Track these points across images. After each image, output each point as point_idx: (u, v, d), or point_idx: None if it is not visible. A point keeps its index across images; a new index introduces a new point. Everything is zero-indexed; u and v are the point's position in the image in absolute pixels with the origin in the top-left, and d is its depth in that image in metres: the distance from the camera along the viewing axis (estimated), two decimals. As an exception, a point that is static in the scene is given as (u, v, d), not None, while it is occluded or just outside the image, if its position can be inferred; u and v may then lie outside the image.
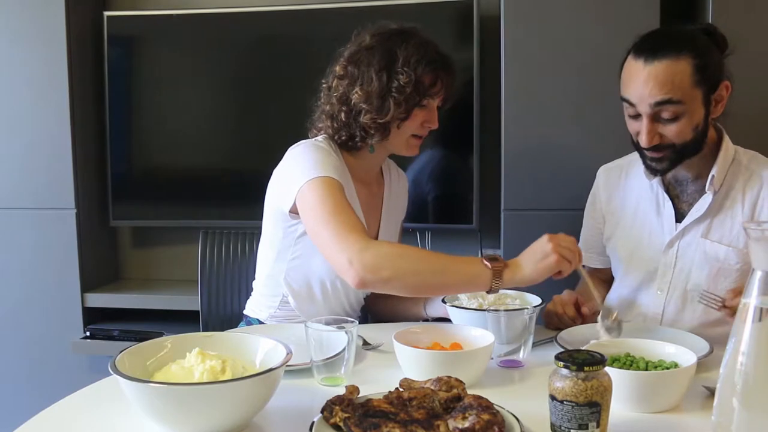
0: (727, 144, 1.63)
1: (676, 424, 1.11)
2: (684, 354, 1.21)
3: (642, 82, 1.50)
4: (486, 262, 1.41)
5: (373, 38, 1.66)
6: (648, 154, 1.57)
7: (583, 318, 1.62)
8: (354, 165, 1.71)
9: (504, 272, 1.41)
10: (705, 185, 1.60)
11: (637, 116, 1.55)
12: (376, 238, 1.73)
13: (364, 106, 1.62)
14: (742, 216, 1.59)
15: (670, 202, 1.66)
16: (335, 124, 1.66)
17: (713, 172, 1.59)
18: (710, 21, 2.26)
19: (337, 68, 1.68)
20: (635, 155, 1.69)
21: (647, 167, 1.62)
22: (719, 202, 1.61)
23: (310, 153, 1.60)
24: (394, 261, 1.40)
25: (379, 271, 1.39)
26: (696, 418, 1.11)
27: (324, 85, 1.72)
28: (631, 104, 1.54)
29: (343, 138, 1.67)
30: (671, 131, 1.52)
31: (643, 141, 1.53)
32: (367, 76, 1.62)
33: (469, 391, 1.09)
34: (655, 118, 1.52)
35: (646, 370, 1.18)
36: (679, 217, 1.65)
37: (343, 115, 1.65)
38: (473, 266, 1.41)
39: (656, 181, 1.67)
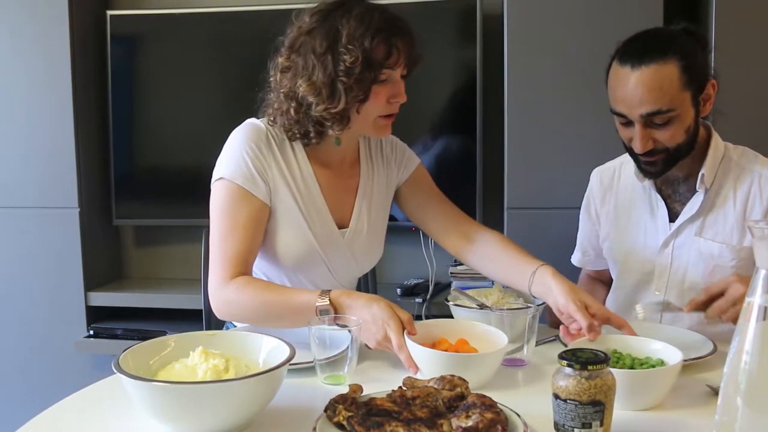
0: (717, 141, 1.62)
1: (679, 423, 1.10)
2: (671, 351, 1.21)
3: (631, 89, 1.49)
4: (318, 308, 1.37)
5: (312, 18, 1.48)
6: (642, 158, 1.57)
7: None
8: (314, 150, 1.58)
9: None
10: (696, 184, 1.60)
11: (628, 123, 1.54)
12: (347, 223, 1.61)
13: (311, 98, 1.46)
14: (734, 213, 1.59)
15: (663, 202, 1.66)
16: (287, 122, 1.52)
17: (703, 170, 1.58)
18: (714, 21, 2.27)
19: (280, 60, 1.52)
20: (626, 156, 1.69)
21: (641, 170, 1.62)
22: (711, 199, 1.61)
23: (232, 143, 1.53)
24: (238, 310, 1.45)
25: (226, 314, 1.48)
26: (699, 417, 1.11)
27: (270, 80, 1.56)
28: (621, 115, 1.53)
29: (298, 136, 1.53)
30: (664, 136, 1.52)
31: (638, 147, 1.53)
32: (310, 63, 1.45)
33: (472, 390, 1.09)
34: (647, 124, 1.51)
35: (632, 368, 1.18)
36: (673, 216, 1.65)
37: (292, 111, 1.50)
38: (306, 315, 1.36)
39: (648, 182, 1.66)
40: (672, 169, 1.60)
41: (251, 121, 1.57)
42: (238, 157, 1.50)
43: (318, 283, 1.61)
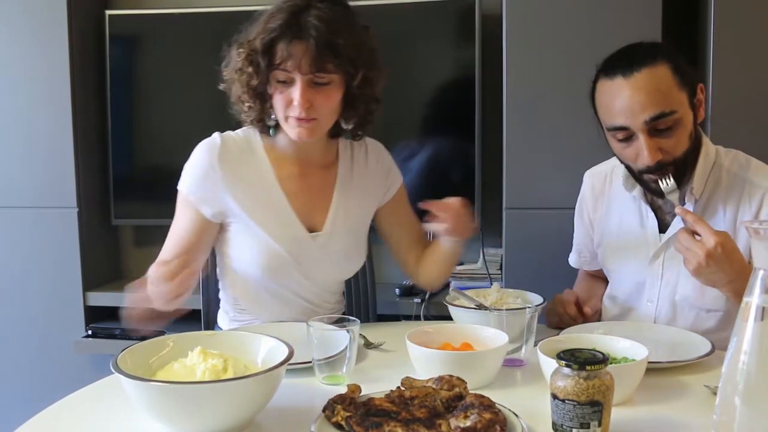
0: (707, 149, 1.57)
1: (677, 423, 1.11)
2: (638, 349, 1.22)
3: (628, 97, 1.44)
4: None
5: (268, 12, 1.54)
6: (651, 177, 1.51)
7: (585, 317, 1.61)
8: (281, 152, 1.60)
9: None
10: (685, 195, 1.55)
11: (628, 139, 1.48)
12: (321, 227, 1.60)
13: (223, 86, 1.59)
14: (724, 224, 1.54)
15: (653, 213, 1.62)
16: (238, 108, 1.60)
17: (692, 183, 1.54)
18: (712, 21, 2.26)
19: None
20: (617, 160, 1.64)
21: (651, 191, 1.57)
22: (700, 211, 1.56)
23: (192, 158, 1.59)
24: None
25: None
26: (698, 417, 1.11)
27: None
28: (622, 128, 1.47)
29: (251, 120, 1.59)
30: (670, 143, 1.47)
31: (646, 159, 1.46)
32: (232, 54, 1.55)
33: (471, 390, 1.09)
34: (651, 132, 1.45)
35: None
36: (663, 227, 1.61)
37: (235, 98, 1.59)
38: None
39: (638, 192, 1.62)
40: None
41: (210, 140, 1.59)
42: (190, 168, 1.58)
43: (295, 289, 1.62)
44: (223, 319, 1.72)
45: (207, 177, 1.55)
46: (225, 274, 1.66)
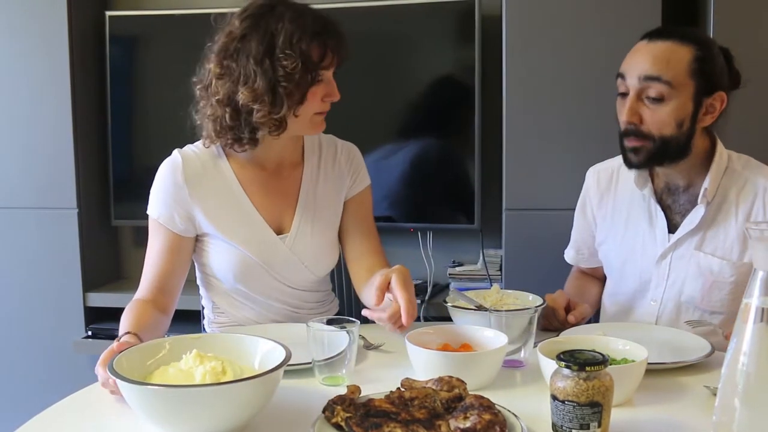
0: (721, 152, 1.58)
1: (677, 423, 1.11)
2: (637, 350, 1.22)
3: (639, 55, 1.51)
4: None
5: (243, 23, 1.47)
6: (627, 142, 1.54)
7: (571, 324, 1.59)
8: (245, 156, 1.58)
9: None
10: (698, 195, 1.55)
11: (623, 95, 1.54)
12: (289, 227, 1.60)
13: (254, 105, 1.45)
14: (736, 227, 1.54)
15: (662, 213, 1.62)
16: (218, 128, 1.51)
17: (705, 184, 1.54)
18: (711, 24, 2.26)
19: (211, 66, 1.50)
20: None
21: (625, 159, 1.57)
22: (712, 213, 1.56)
23: (156, 179, 1.58)
24: None
25: None
26: (697, 418, 1.11)
27: (199, 87, 1.56)
28: (621, 76, 1.54)
29: (229, 141, 1.52)
30: (653, 116, 1.50)
31: (624, 115, 1.52)
32: (250, 70, 1.45)
33: (471, 391, 1.09)
34: (640, 96, 1.50)
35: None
36: (672, 227, 1.61)
37: (227, 118, 1.48)
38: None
39: (648, 190, 1.62)
40: (673, 177, 1.58)
41: (171, 159, 1.59)
42: (157, 191, 1.56)
43: (268, 293, 1.62)
44: (206, 323, 1.73)
45: (174, 195, 1.55)
46: (202, 281, 1.68)
